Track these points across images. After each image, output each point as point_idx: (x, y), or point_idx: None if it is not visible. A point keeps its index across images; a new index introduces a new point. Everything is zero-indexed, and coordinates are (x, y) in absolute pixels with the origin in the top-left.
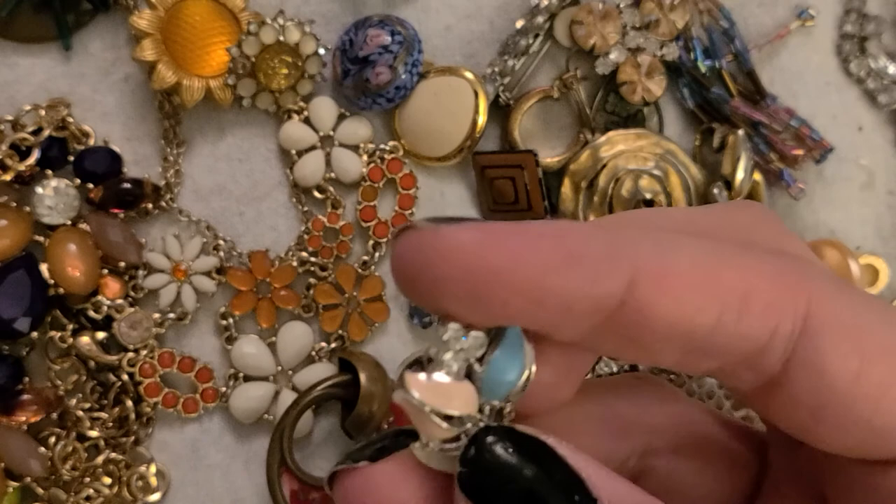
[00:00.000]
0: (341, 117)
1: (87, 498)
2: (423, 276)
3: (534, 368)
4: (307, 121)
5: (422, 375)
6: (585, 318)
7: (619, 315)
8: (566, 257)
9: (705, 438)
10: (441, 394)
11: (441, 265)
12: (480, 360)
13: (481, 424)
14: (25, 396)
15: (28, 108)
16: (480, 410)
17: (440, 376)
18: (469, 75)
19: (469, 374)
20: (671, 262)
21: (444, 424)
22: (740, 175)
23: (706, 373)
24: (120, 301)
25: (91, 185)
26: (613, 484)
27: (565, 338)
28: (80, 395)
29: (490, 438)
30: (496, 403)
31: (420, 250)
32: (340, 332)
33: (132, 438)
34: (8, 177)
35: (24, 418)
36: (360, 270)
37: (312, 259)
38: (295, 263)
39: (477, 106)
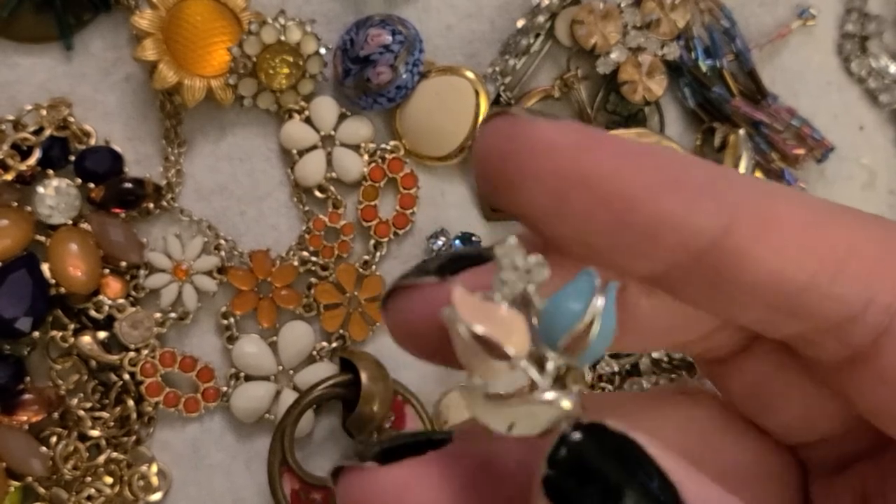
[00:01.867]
0: (342, 117)
1: (89, 497)
2: (508, 169)
3: (601, 311)
4: (308, 120)
5: (476, 295)
6: (670, 253)
7: (707, 257)
8: (666, 179)
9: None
10: (495, 322)
11: (530, 160)
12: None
13: (541, 378)
14: (27, 396)
15: (29, 107)
16: (540, 364)
17: (497, 298)
18: (470, 75)
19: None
20: (773, 209)
21: (497, 363)
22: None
23: (786, 337)
24: (121, 301)
25: (92, 185)
26: (706, 491)
27: (640, 272)
28: (82, 395)
29: (582, 438)
30: (558, 360)
31: (510, 139)
32: (341, 331)
33: (133, 438)
34: (9, 176)
35: (25, 418)
36: (361, 270)
37: (313, 259)
38: (296, 263)
39: (478, 105)
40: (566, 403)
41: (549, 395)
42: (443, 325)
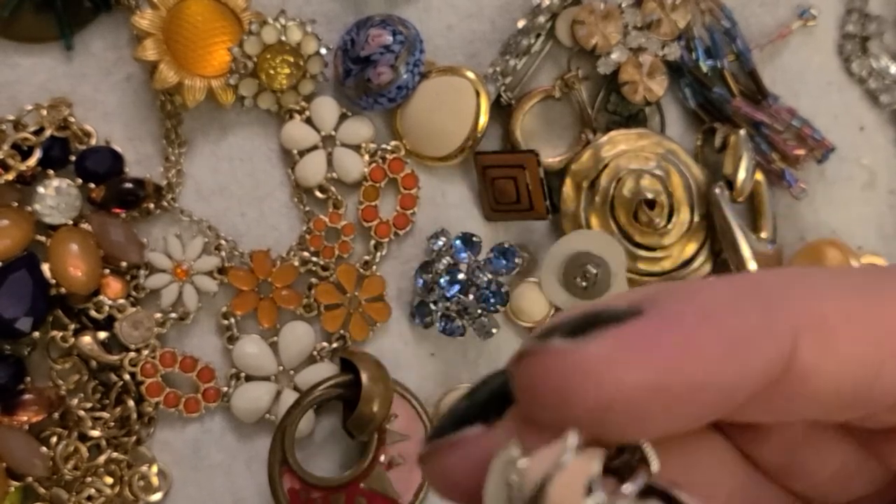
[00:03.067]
0: (343, 117)
1: (89, 498)
2: (558, 404)
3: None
4: (309, 121)
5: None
6: (740, 401)
7: (776, 385)
8: (728, 346)
9: None
10: None
11: (576, 398)
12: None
13: None
14: (27, 396)
15: (30, 107)
16: None
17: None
18: (471, 75)
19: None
20: (826, 314)
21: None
22: (742, 175)
23: (847, 419)
24: (121, 301)
25: (93, 185)
26: None
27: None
28: (82, 395)
29: None
30: None
31: (548, 380)
32: (342, 331)
33: (134, 438)
34: (10, 176)
35: (25, 418)
36: (361, 270)
37: (314, 259)
38: (296, 263)
39: (478, 106)
40: None
41: None
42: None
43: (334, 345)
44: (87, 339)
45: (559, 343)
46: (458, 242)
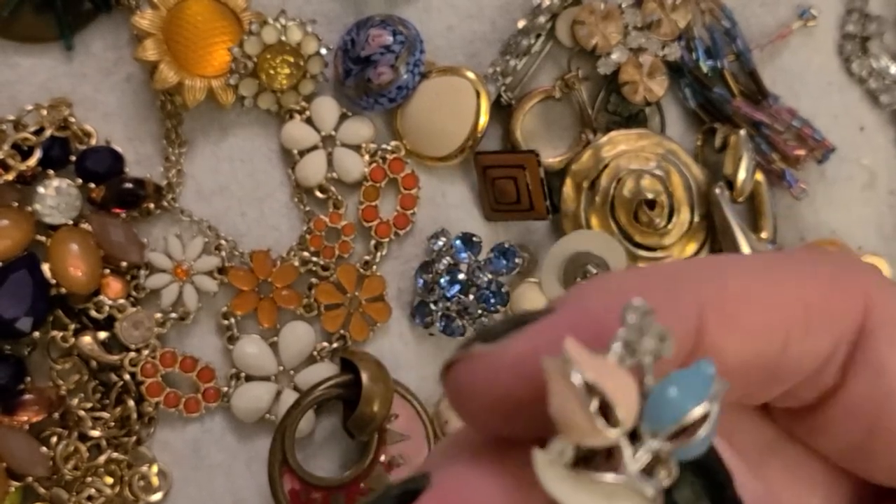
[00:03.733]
0: (343, 117)
1: (89, 498)
2: (488, 408)
3: (716, 409)
4: (309, 121)
5: (591, 355)
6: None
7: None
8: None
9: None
10: (610, 380)
11: (499, 394)
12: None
13: (640, 454)
14: (27, 396)
15: (30, 107)
16: (637, 437)
17: (612, 358)
18: (471, 75)
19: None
20: (728, 294)
21: (600, 424)
22: (742, 175)
23: (765, 400)
24: (122, 301)
25: (93, 185)
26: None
27: None
28: (82, 395)
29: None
30: (654, 447)
31: (473, 382)
32: (342, 331)
33: (134, 438)
34: (10, 177)
35: (25, 418)
36: (361, 270)
37: (314, 259)
38: (297, 263)
39: (479, 106)
40: (650, 492)
41: (636, 483)
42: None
43: (334, 345)
44: (87, 339)
45: (480, 348)
46: (458, 242)
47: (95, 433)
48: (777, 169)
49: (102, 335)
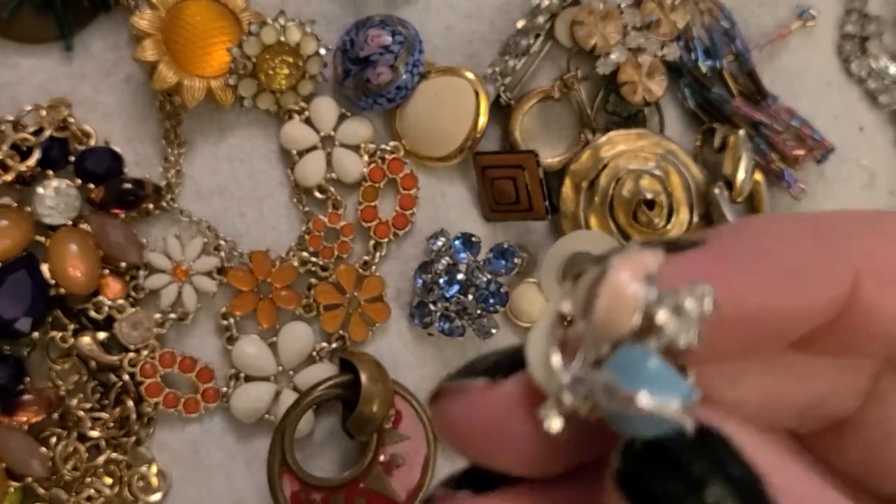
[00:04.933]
0: (342, 117)
1: (89, 498)
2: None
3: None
4: (308, 121)
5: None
6: (793, 335)
7: (834, 323)
8: (783, 280)
9: None
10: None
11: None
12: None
13: (660, 336)
14: (26, 396)
15: (29, 108)
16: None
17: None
18: (470, 75)
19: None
20: (888, 251)
21: (637, 314)
22: (741, 175)
23: None
24: (121, 301)
25: (92, 186)
26: (795, 482)
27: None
28: (81, 396)
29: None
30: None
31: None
32: (341, 332)
33: (133, 438)
34: (9, 177)
35: (25, 418)
36: (360, 270)
37: (313, 259)
38: (296, 263)
39: (478, 106)
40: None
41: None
42: (492, 428)
43: (334, 345)
44: (86, 340)
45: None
46: (457, 243)
47: (95, 433)
48: (776, 169)
49: (101, 335)
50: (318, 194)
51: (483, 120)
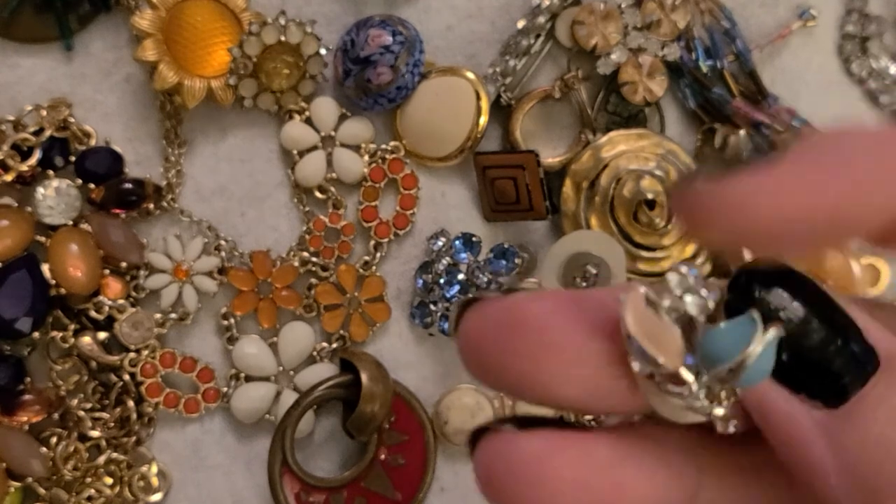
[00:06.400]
0: (342, 117)
1: (89, 498)
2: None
3: (756, 356)
4: (308, 121)
5: (643, 304)
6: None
7: None
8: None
9: None
10: (654, 333)
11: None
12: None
13: (695, 387)
14: (27, 396)
15: (30, 108)
16: (697, 374)
17: (663, 314)
18: (470, 75)
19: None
20: None
21: (639, 365)
22: None
23: None
24: (121, 301)
25: (92, 186)
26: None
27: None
28: (82, 396)
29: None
30: (711, 381)
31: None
32: (342, 332)
33: (133, 439)
34: (9, 177)
35: (25, 418)
36: (361, 270)
37: (314, 259)
38: (296, 264)
39: (478, 106)
40: (718, 411)
41: (701, 403)
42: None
43: (334, 345)
44: (86, 340)
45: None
46: (457, 243)
47: (95, 433)
48: None
49: (102, 336)
50: (318, 194)
51: (483, 120)
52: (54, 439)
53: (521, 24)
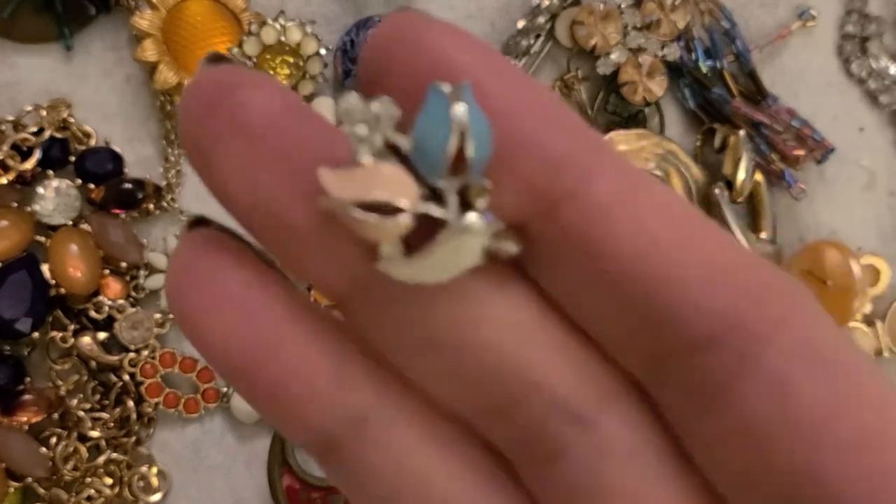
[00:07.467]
0: None
1: (89, 498)
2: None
3: (466, 117)
4: None
5: (341, 169)
6: (525, 185)
7: (564, 211)
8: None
9: None
10: (375, 183)
11: None
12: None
13: (434, 208)
14: (27, 397)
15: (29, 108)
16: (438, 199)
17: (363, 159)
18: None
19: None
20: (644, 183)
21: (389, 220)
22: (741, 175)
23: (643, 362)
24: (121, 301)
25: (92, 186)
26: None
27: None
28: (82, 396)
29: None
30: (451, 184)
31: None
32: None
33: (133, 439)
34: (9, 177)
35: (25, 419)
36: None
37: None
38: None
39: None
40: (479, 221)
41: (468, 220)
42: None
43: None
44: (86, 340)
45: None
46: None
47: (95, 434)
48: (776, 169)
49: (102, 336)
50: None
51: None
52: (54, 439)
53: (520, 24)
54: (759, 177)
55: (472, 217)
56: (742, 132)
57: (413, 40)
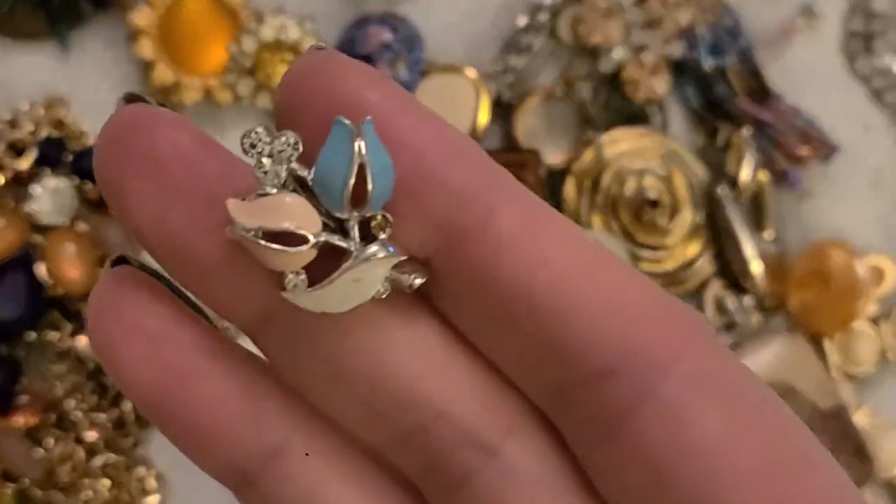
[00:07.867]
0: None
1: (86, 500)
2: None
3: (367, 151)
4: None
5: (249, 199)
6: (430, 220)
7: (468, 248)
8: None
9: None
10: (278, 214)
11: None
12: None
13: (337, 238)
14: (23, 398)
15: (25, 107)
16: (342, 231)
17: (266, 189)
18: (471, 74)
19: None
20: (547, 216)
21: (293, 249)
22: (745, 174)
23: (551, 393)
24: None
25: (89, 185)
26: None
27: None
28: (79, 397)
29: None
30: (352, 217)
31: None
32: None
33: (131, 440)
34: (5, 177)
35: (21, 420)
36: None
37: None
38: None
39: (479, 105)
40: (380, 252)
41: (369, 251)
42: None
43: None
44: (84, 340)
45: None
46: None
47: (92, 435)
48: (780, 168)
49: None
50: None
51: (484, 119)
52: (51, 441)
53: (522, 21)
54: (763, 175)
55: (373, 248)
56: (746, 130)
57: (325, 78)
